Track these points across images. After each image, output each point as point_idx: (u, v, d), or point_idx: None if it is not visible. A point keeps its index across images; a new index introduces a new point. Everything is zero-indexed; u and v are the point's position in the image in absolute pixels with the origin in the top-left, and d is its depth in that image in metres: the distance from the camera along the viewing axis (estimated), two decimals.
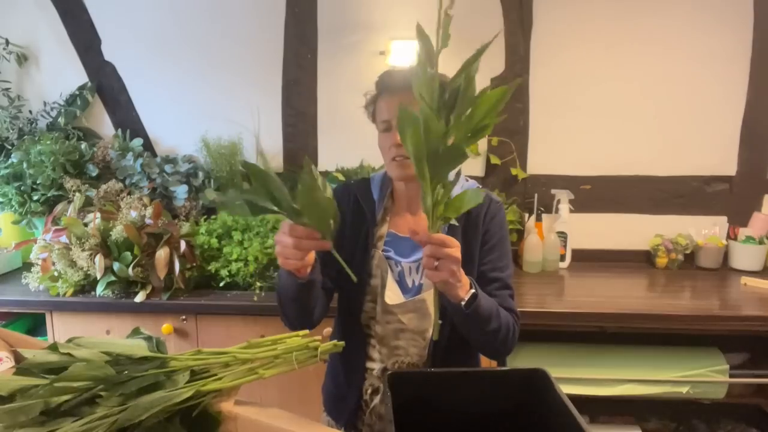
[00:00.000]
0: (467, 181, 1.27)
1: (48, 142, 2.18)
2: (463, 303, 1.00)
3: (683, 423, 2.06)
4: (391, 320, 1.19)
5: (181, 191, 2.21)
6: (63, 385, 0.63)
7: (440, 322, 0.92)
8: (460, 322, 1.07)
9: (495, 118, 0.83)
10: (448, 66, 0.94)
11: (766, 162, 2.27)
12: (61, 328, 1.91)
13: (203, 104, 2.38)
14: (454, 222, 1.05)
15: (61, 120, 2.34)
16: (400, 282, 1.20)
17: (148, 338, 0.73)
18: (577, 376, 1.81)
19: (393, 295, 1.18)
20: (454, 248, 0.92)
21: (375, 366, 1.22)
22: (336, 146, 2.39)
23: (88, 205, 2.10)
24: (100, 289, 1.85)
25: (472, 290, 1.02)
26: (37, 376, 0.65)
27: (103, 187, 2.15)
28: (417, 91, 0.84)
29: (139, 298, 1.84)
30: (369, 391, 1.22)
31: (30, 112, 2.41)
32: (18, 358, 0.64)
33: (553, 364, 1.73)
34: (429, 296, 1.17)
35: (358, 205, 1.24)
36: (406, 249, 1.22)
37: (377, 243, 1.21)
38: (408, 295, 1.19)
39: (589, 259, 2.31)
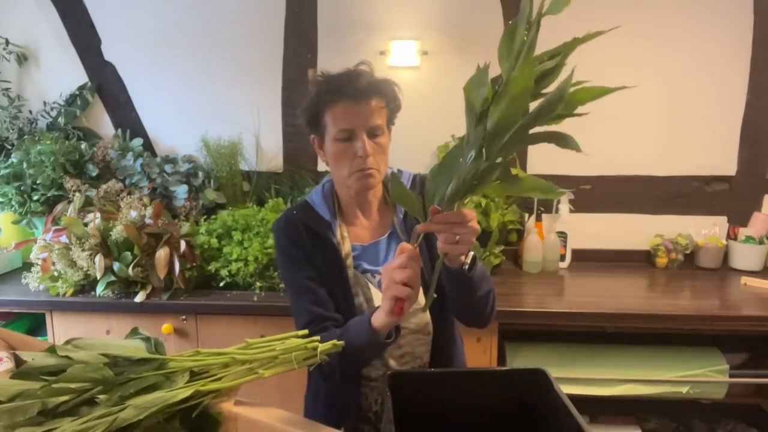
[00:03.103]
0: (400, 171, 1.27)
1: (48, 142, 2.18)
2: (465, 266, 1.00)
3: (683, 423, 2.06)
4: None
5: (181, 191, 2.21)
6: (61, 387, 0.63)
7: (435, 295, 0.92)
8: (458, 290, 1.05)
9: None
10: (448, 65, 0.94)
11: (766, 162, 2.27)
12: (61, 328, 1.91)
13: (203, 104, 2.38)
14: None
15: (61, 120, 2.34)
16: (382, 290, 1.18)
17: (146, 339, 0.73)
18: (577, 376, 1.81)
19: None
20: (473, 220, 0.91)
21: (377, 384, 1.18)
22: None
23: (88, 205, 2.10)
24: (100, 289, 1.85)
25: (471, 252, 1.01)
26: (36, 379, 0.64)
27: (103, 187, 2.15)
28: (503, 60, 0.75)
29: (139, 298, 1.84)
30: (379, 401, 1.19)
31: (30, 112, 2.41)
32: (18, 361, 0.64)
33: (553, 364, 1.73)
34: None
35: (311, 233, 1.18)
36: (374, 256, 1.20)
37: (347, 262, 1.18)
38: None
39: (589, 259, 2.31)
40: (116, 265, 1.84)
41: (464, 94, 0.78)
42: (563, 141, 0.75)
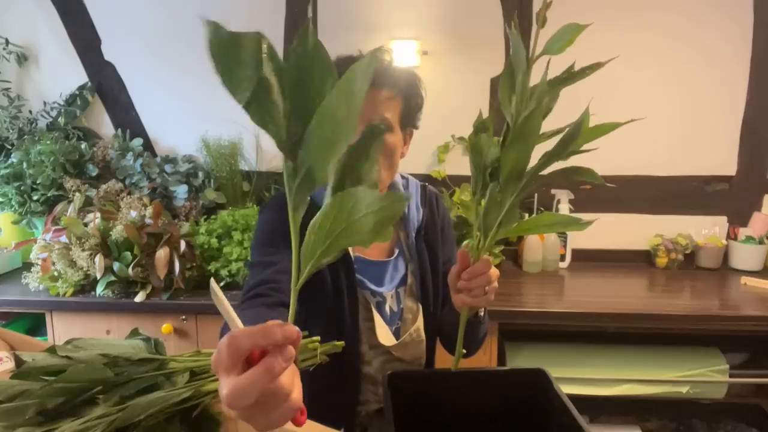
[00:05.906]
0: (403, 178, 1.18)
1: (48, 142, 2.18)
2: (481, 314, 0.99)
3: (683, 423, 2.06)
4: (378, 355, 1.12)
5: (181, 191, 2.21)
6: (61, 387, 0.63)
7: (464, 351, 0.87)
8: (465, 333, 1.01)
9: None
10: (448, 65, 0.94)
11: (766, 162, 2.27)
12: (60, 328, 1.91)
13: (203, 104, 2.38)
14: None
15: (61, 120, 2.34)
16: (381, 312, 1.10)
17: (147, 339, 0.73)
18: (577, 376, 1.81)
19: (385, 333, 1.09)
20: (494, 268, 0.88)
21: (366, 409, 1.13)
22: None
23: (88, 205, 2.10)
24: (100, 289, 1.84)
25: None
26: (36, 379, 0.64)
27: (103, 187, 2.15)
28: (503, 96, 0.75)
29: (139, 298, 1.84)
30: (368, 402, 1.14)
31: (30, 112, 2.41)
32: (18, 361, 0.64)
33: (553, 364, 1.72)
34: (420, 322, 1.14)
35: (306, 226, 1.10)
36: (376, 274, 1.11)
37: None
38: (390, 326, 1.11)
39: (589, 259, 2.31)
40: (116, 265, 1.84)
41: (470, 151, 0.79)
42: (578, 174, 0.77)
